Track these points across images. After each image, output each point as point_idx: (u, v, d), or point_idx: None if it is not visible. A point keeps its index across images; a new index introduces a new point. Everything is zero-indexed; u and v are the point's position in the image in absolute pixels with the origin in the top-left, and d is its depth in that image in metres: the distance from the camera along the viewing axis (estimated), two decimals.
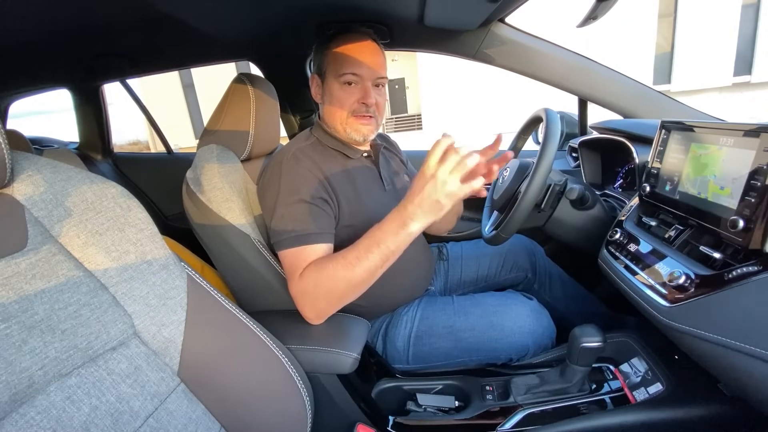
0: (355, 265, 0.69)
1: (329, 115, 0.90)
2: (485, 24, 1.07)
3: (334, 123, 0.89)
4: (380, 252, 0.68)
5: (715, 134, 0.62)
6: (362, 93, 0.85)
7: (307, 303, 0.74)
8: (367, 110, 0.86)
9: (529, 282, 1.13)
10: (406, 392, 0.87)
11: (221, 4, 0.86)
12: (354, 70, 0.84)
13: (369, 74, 0.85)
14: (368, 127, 0.88)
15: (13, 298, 0.42)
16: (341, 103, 0.86)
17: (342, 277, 0.70)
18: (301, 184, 0.80)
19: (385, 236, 0.68)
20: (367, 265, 0.69)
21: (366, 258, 0.69)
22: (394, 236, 0.67)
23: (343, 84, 0.85)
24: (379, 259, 0.69)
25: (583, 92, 1.16)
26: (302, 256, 0.75)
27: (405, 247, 0.70)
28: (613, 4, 0.75)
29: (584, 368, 0.76)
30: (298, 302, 0.75)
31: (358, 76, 0.85)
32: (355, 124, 0.87)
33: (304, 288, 0.73)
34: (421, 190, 0.63)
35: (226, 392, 0.57)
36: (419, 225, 0.66)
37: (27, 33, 0.90)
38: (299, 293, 0.74)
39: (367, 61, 0.85)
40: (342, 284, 0.71)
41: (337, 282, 0.71)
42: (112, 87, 1.89)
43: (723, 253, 0.57)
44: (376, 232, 0.69)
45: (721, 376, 0.62)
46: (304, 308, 0.75)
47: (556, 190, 0.91)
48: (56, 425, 0.40)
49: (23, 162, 0.49)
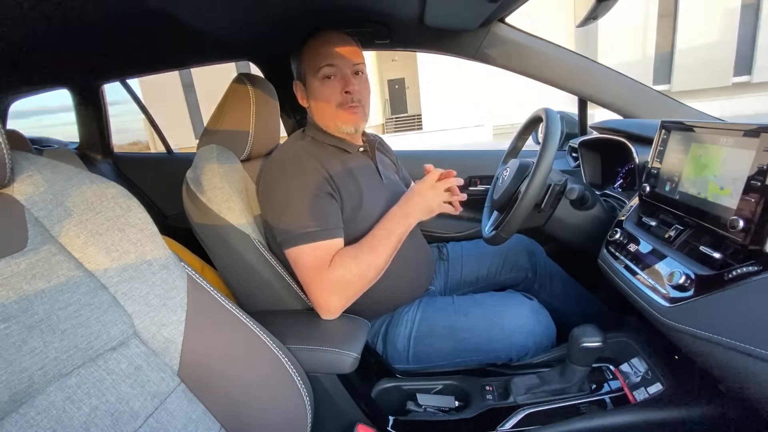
0: (379, 251, 0.80)
1: (318, 114, 0.91)
2: (485, 24, 1.07)
3: (324, 121, 0.90)
4: (396, 237, 0.82)
5: (715, 134, 0.62)
6: (343, 83, 0.86)
7: (338, 292, 0.76)
8: (352, 100, 0.87)
9: (529, 282, 1.13)
10: (406, 392, 0.87)
11: (221, 4, 0.85)
12: (328, 60, 0.85)
13: (344, 63, 0.86)
14: (356, 116, 0.88)
15: (13, 298, 0.42)
16: (326, 99, 0.87)
17: (373, 263, 0.79)
18: (310, 181, 0.81)
19: (392, 224, 0.83)
20: (390, 250, 0.81)
21: (388, 243, 0.81)
22: (400, 224, 0.83)
23: (323, 80, 0.86)
24: (395, 244, 0.82)
25: (583, 92, 1.16)
26: (325, 249, 0.77)
27: (405, 236, 0.85)
28: (614, 4, 0.75)
29: (584, 368, 0.76)
30: (326, 295, 0.76)
31: (335, 66, 0.85)
32: (344, 115, 0.88)
33: (337, 278, 0.76)
34: (421, 192, 0.86)
35: (226, 392, 0.57)
36: (415, 219, 0.86)
37: (27, 33, 0.90)
38: (329, 284, 0.76)
39: (339, 51, 0.86)
40: (372, 270, 0.79)
41: (368, 267, 0.78)
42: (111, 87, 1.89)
43: (723, 253, 0.57)
44: (386, 223, 0.83)
45: (721, 376, 0.62)
46: (334, 298, 0.77)
47: (556, 190, 0.91)
48: (56, 425, 0.40)
49: (23, 162, 0.49)
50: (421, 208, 0.85)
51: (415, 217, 0.85)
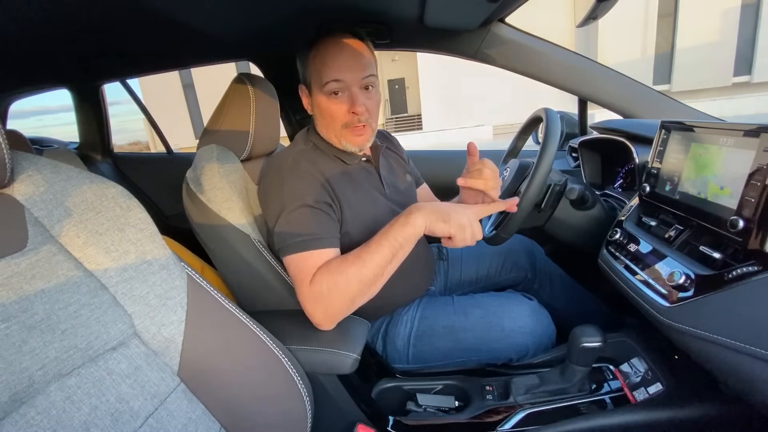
0: (367, 262, 0.70)
1: (322, 128, 0.86)
2: (485, 24, 1.07)
3: (328, 135, 0.86)
4: (389, 245, 0.70)
5: (715, 134, 0.62)
6: (350, 102, 0.79)
7: (319, 308, 0.72)
8: (359, 120, 0.81)
9: (529, 282, 1.13)
10: (406, 392, 0.87)
11: (221, 4, 0.85)
12: (336, 76, 0.78)
13: (353, 78, 0.79)
14: (362, 137, 0.84)
15: (13, 298, 0.42)
16: (331, 117, 0.82)
17: (354, 276, 0.70)
18: (305, 189, 0.78)
19: (392, 228, 0.71)
20: (378, 259, 0.70)
21: (377, 251, 0.70)
22: (401, 227, 0.71)
23: (329, 95, 0.80)
24: (389, 253, 0.70)
25: (583, 92, 1.16)
26: (311, 261, 0.73)
27: (412, 242, 0.72)
28: (613, 4, 0.75)
29: (584, 368, 0.76)
30: (309, 307, 0.72)
31: (342, 82, 0.78)
32: (349, 136, 0.83)
33: (317, 292, 0.71)
34: (449, 204, 0.74)
35: (226, 392, 0.57)
36: (422, 219, 0.70)
37: (27, 33, 0.90)
38: (311, 298, 0.71)
39: (348, 64, 0.78)
40: (355, 283, 0.70)
41: (350, 281, 0.70)
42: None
43: (723, 253, 0.57)
44: (384, 229, 0.72)
45: (721, 376, 0.62)
46: (316, 313, 0.72)
47: (556, 190, 0.91)
48: (56, 425, 0.40)
49: (23, 162, 0.49)
50: (436, 210, 0.71)
51: (422, 218, 0.70)
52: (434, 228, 0.70)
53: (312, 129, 0.92)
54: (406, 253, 0.72)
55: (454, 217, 0.70)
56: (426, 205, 0.72)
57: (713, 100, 8.52)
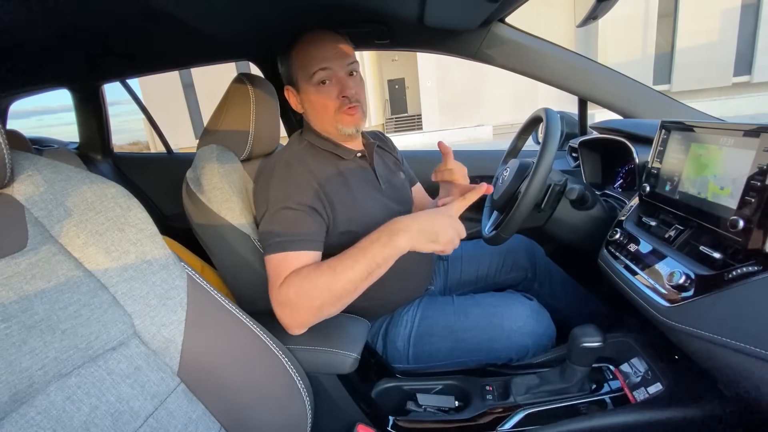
0: (339, 274, 0.67)
1: (316, 120, 0.87)
2: (485, 24, 1.07)
3: (323, 126, 0.87)
4: (366, 263, 0.67)
5: (715, 134, 0.62)
6: (339, 87, 0.82)
7: (286, 312, 0.70)
8: (350, 101, 0.83)
9: (529, 282, 1.13)
10: (406, 392, 0.87)
11: (221, 4, 0.85)
12: (322, 64, 0.80)
13: (338, 65, 0.82)
14: (356, 116, 0.85)
15: (13, 298, 0.42)
16: (324, 106, 0.83)
17: (324, 286, 0.68)
18: (292, 191, 0.78)
19: (372, 246, 0.68)
20: (351, 275, 0.67)
21: (351, 267, 0.67)
22: (381, 247, 0.67)
23: (317, 85, 0.82)
24: (365, 270, 0.67)
25: (583, 92, 1.16)
26: (285, 263, 0.72)
27: (391, 262, 0.69)
28: (614, 4, 0.75)
29: (584, 368, 0.76)
30: (277, 311, 0.72)
31: (329, 69, 0.81)
32: (344, 118, 0.84)
33: (284, 297, 0.70)
34: (433, 217, 0.70)
35: (226, 392, 0.57)
36: (406, 241, 0.67)
37: (27, 33, 0.90)
38: (278, 302, 0.71)
39: (332, 52, 0.81)
40: (324, 294, 0.68)
41: (319, 291, 0.68)
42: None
43: (723, 253, 0.57)
44: (365, 242, 0.69)
45: (721, 376, 0.62)
46: (283, 317, 0.71)
47: (556, 190, 0.91)
48: (56, 425, 0.41)
49: (23, 162, 0.49)
50: (421, 230, 0.68)
51: (407, 239, 0.67)
52: (423, 248, 0.69)
53: (305, 128, 0.92)
54: (383, 271, 0.70)
55: (442, 234, 0.69)
56: (411, 224, 0.68)
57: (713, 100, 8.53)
